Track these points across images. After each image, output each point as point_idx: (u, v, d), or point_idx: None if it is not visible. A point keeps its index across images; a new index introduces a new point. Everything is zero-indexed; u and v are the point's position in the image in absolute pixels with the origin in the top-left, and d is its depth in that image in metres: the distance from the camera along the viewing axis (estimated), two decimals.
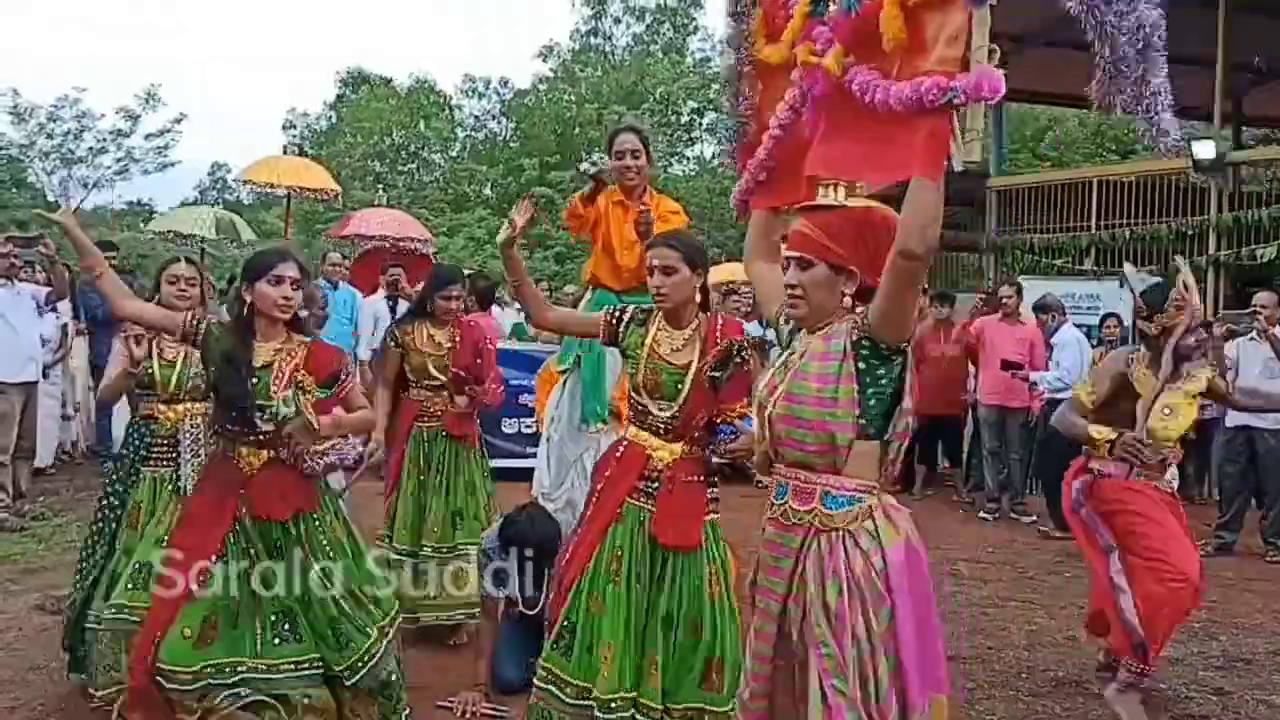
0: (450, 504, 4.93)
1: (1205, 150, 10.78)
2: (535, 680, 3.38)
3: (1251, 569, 6.98)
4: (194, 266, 4.22)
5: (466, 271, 7.24)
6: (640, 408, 3.39)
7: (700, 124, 30.85)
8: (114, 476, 4.22)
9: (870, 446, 2.39)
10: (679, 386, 3.32)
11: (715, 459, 3.37)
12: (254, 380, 3.32)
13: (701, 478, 3.39)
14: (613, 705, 3.21)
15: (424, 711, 4.14)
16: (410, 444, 4.97)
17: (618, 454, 3.45)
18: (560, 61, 34.96)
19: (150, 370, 4.09)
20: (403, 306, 8.23)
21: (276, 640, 3.33)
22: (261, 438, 3.36)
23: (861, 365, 2.36)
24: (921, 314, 9.46)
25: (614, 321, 3.46)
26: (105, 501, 4.18)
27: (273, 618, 3.34)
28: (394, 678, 3.49)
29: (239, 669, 3.26)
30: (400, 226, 11.26)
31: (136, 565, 3.80)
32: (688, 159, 31.83)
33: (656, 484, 3.33)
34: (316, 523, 3.44)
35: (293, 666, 3.31)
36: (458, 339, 5.00)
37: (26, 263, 7.95)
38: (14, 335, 7.15)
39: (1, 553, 6.35)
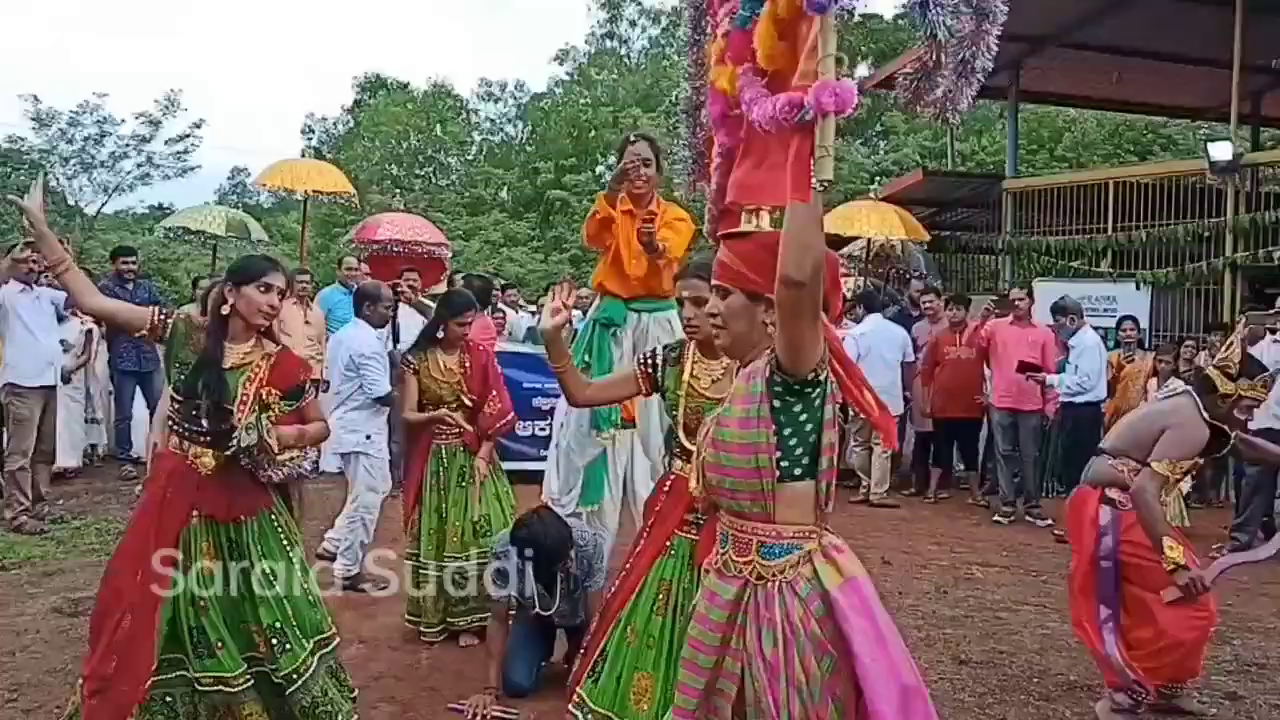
0: (470, 514, 5.03)
1: (1222, 151, 10.72)
2: (569, 706, 3.38)
3: (1266, 572, 6.89)
4: None
5: (469, 274, 7.30)
6: (682, 445, 3.33)
7: None
8: None
9: (800, 489, 2.27)
10: None
11: None
12: (223, 383, 3.36)
13: None
14: None
15: (435, 713, 4.19)
16: (430, 460, 5.08)
17: (665, 489, 3.42)
18: (576, 65, 35.06)
19: None
20: (403, 311, 8.32)
21: (201, 653, 3.34)
22: (215, 439, 3.37)
23: (777, 404, 2.24)
24: (936, 316, 9.46)
25: (649, 370, 3.40)
26: None
27: (196, 629, 3.35)
28: (320, 704, 3.45)
29: (177, 670, 3.31)
30: (428, 232, 11.41)
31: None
32: None
33: (705, 514, 3.27)
34: (267, 524, 3.47)
35: (213, 680, 3.32)
36: (467, 364, 5.10)
37: (47, 267, 8.00)
38: (33, 340, 7.21)
39: (21, 555, 6.40)
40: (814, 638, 2.21)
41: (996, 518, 8.52)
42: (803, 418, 2.25)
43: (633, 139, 4.87)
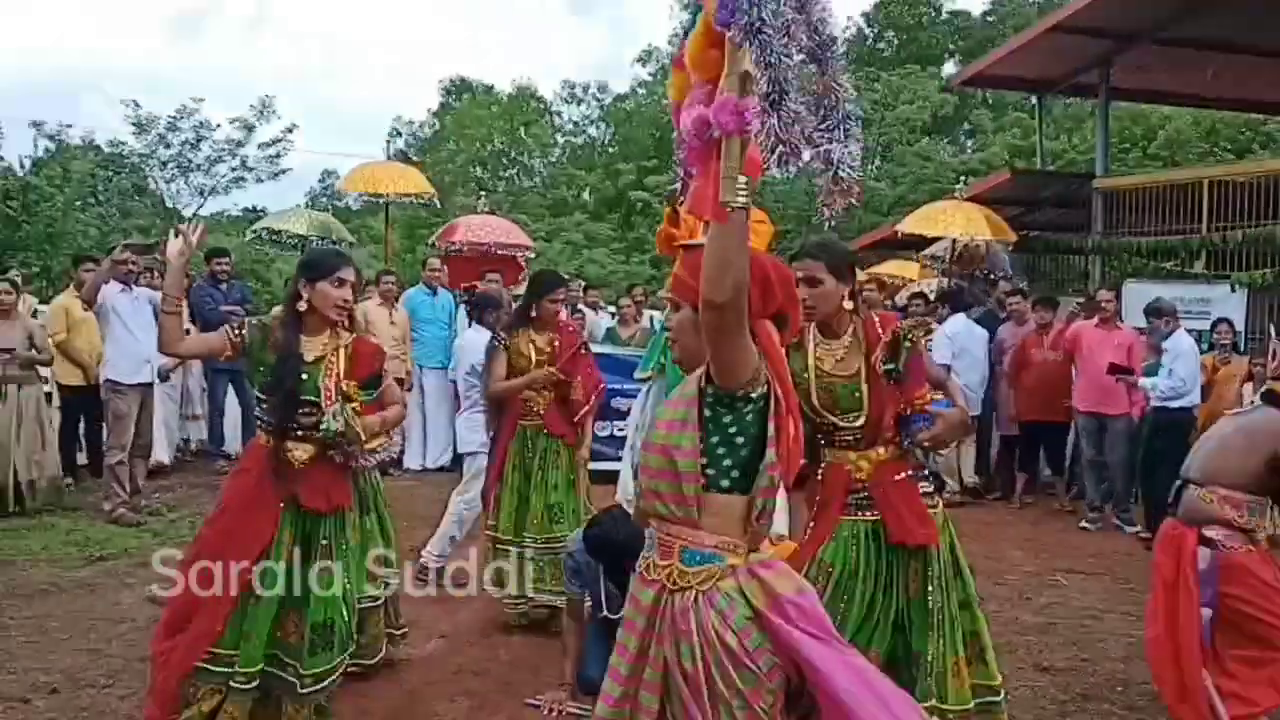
0: (549, 498, 5.13)
1: None
2: None
3: None
4: None
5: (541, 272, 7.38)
6: (826, 427, 3.29)
7: None
8: None
9: (728, 501, 2.24)
10: (857, 395, 3.24)
11: (917, 450, 3.32)
12: (304, 375, 3.44)
13: (909, 473, 3.32)
14: None
15: (512, 709, 4.26)
16: (514, 441, 5.20)
17: (819, 478, 3.36)
18: (659, 66, 35.12)
19: None
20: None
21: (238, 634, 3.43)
22: (307, 433, 3.44)
23: (708, 412, 2.24)
24: (1022, 318, 9.29)
25: None
26: None
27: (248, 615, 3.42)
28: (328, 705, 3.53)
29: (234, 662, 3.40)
30: (508, 233, 11.61)
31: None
32: None
33: (864, 494, 3.27)
34: (346, 522, 3.56)
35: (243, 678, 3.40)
36: (557, 344, 5.18)
37: (145, 269, 8.29)
38: (133, 340, 7.47)
39: (118, 546, 6.65)
40: (730, 651, 2.17)
41: (1083, 523, 8.33)
42: (732, 429, 2.24)
43: None
